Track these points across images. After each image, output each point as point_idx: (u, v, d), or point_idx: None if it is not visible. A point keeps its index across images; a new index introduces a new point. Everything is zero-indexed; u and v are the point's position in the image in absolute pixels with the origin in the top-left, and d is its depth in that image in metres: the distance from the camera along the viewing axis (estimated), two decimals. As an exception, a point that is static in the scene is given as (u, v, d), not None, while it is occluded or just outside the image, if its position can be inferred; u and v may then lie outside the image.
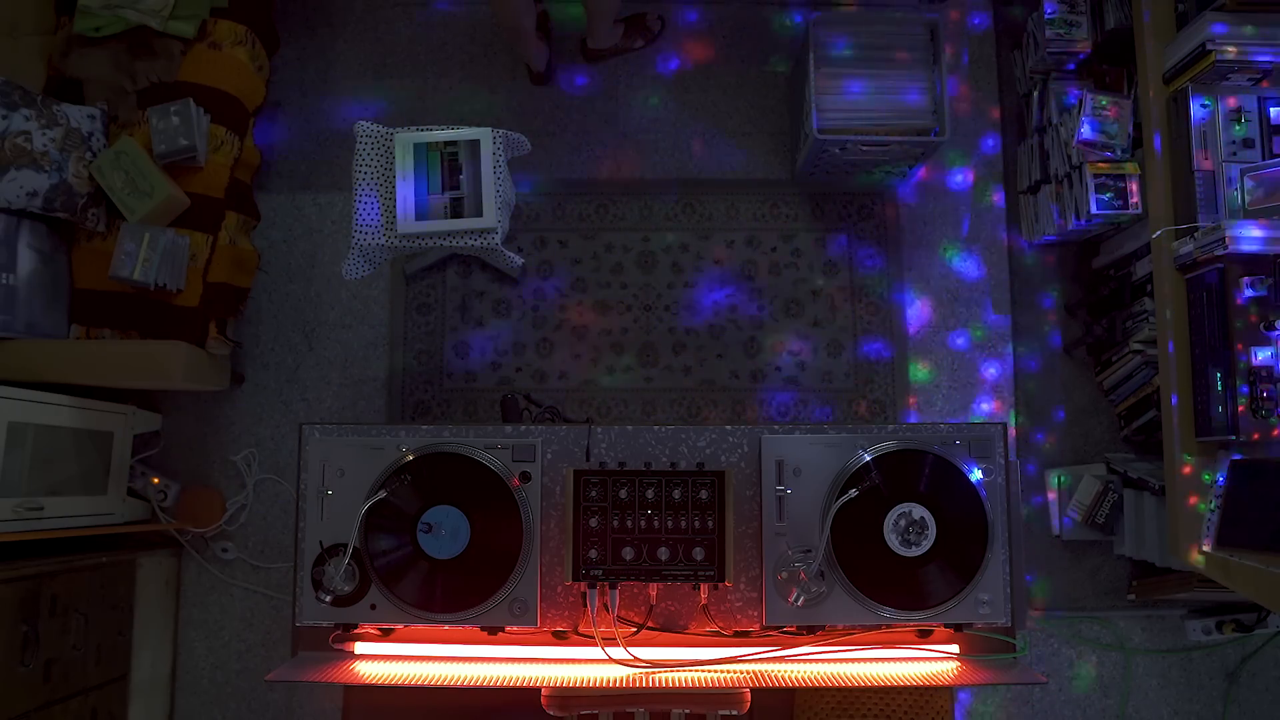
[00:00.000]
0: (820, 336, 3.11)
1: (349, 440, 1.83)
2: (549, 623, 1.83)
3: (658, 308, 3.12)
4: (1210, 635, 2.91)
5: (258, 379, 3.09)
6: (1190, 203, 2.32)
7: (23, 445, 2.39)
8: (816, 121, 2.79)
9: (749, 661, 1.78)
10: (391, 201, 2.54)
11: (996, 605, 1.78)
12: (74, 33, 2.66)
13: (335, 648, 1.84)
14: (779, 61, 3.26)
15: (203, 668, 2.97)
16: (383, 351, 3.10)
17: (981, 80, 3.24)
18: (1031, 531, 3.00)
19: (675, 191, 3.18)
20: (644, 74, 3.24)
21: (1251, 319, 2.23)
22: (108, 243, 2.60)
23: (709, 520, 1.75)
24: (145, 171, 2.56)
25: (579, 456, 1.88)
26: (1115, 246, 2.91)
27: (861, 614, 1.78)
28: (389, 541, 1.78)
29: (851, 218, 3.17)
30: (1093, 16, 2.84)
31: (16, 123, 2.47)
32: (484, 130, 2.55)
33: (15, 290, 2.48)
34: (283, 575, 2.99)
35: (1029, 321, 3.13)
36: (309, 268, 3.14)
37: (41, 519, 2.43)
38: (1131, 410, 2.94)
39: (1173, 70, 2.39)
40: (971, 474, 1.79)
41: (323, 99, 3.22)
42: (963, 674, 1.77)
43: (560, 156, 3.20)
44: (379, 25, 3.26)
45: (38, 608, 2.31)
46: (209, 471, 3.04)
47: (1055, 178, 2.88)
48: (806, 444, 1.82)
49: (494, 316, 3.11)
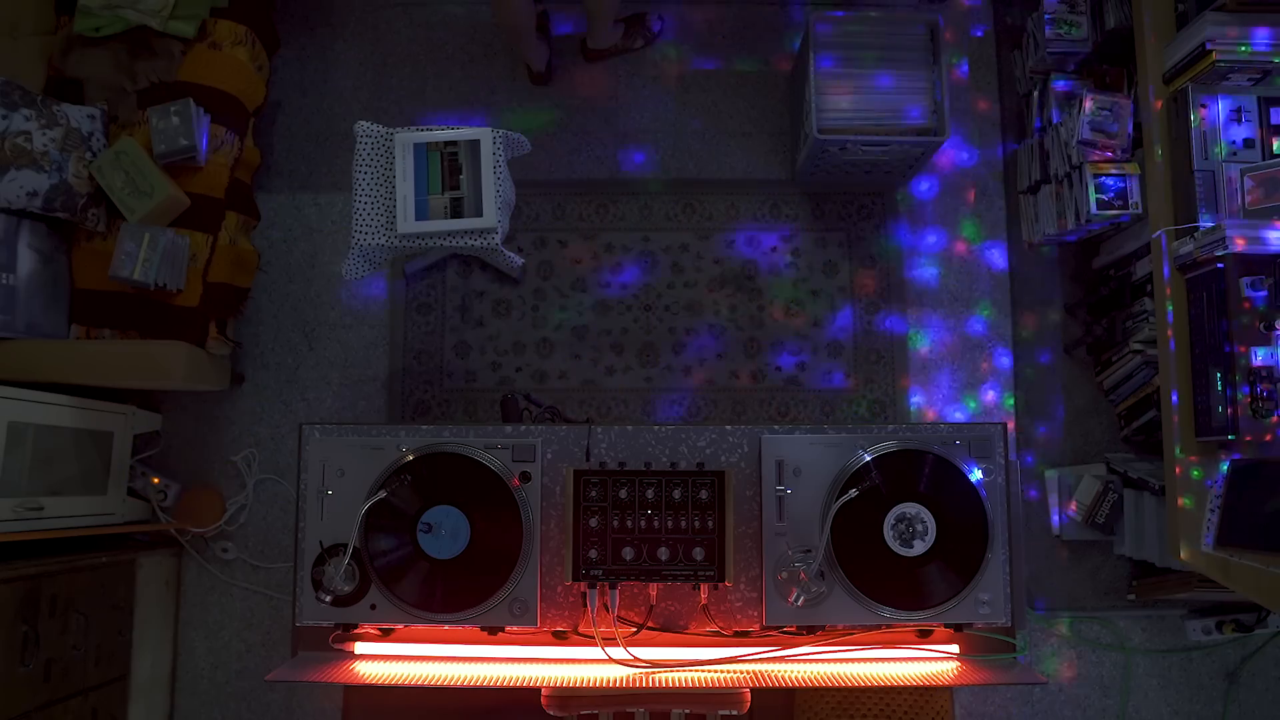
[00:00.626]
0: (820, 336, 3.11)
1: (349, 440, 1.84)
2: (549, 623, 1.83)
3: (658, 308, 3.12)
4: (1210, 635, 2.91)
5: (258, 379, 3.09)
6: (1190, 203, 2.32)
7: (23, 445, 2.39)
8: (816, 121, 2.79)
9: (749, 661, 1.78)
10: (391, 201, 2.54)
11: (996, 605, 1.78)
12: (74, 33, 2.66)
13: (335, 648, 1.84)
14: (779, 61, 3.26)
15: (203, 668, 2.97)
16: (383, 351, 3.10)
17: (981, 80, 3.24)
18: (1031, 531, 3.00)
19: (675, 191, 3.18)
20: (644, 74, 3.24)
21: (1251, 319, 2.22)
22: (108, 243, 2.60)
23: (709, 520, 1.75)
24: (145, 171, 2.56)
25: (579, 456, 1.88)
26: (1115, 246, 2.91)
27: (861, 614, 1.78)
28: (389, 541, 1.78)
29: (851, 218, 3.17)
30: (1093, 16, 2.84)
31: (16, 123, 2.47)
32: (484, 130, 2.55)
33: (15, 290, 2.48)
34: (283, 575, 2.99)
35: (1029, 321, 3.13)
36: (309, 268, 3.14)
37: (41, 519, 2.43)
38: (1131, 410, 2.94)
39: (1173, 70, 2.39)
40: (971, 474, 1.79)
41: (323, 99, 3.22)
42: (963, 674, 1.77)
43: (560, 156, 3.20)
44: (379, 25, 3.26)
45: (38, 608, 2.31)
46: (209, 471, 3.04)
47: (1055, 178, 2.88)
48: (806, 444, 1.82)
49: (494, 316, 3.11)
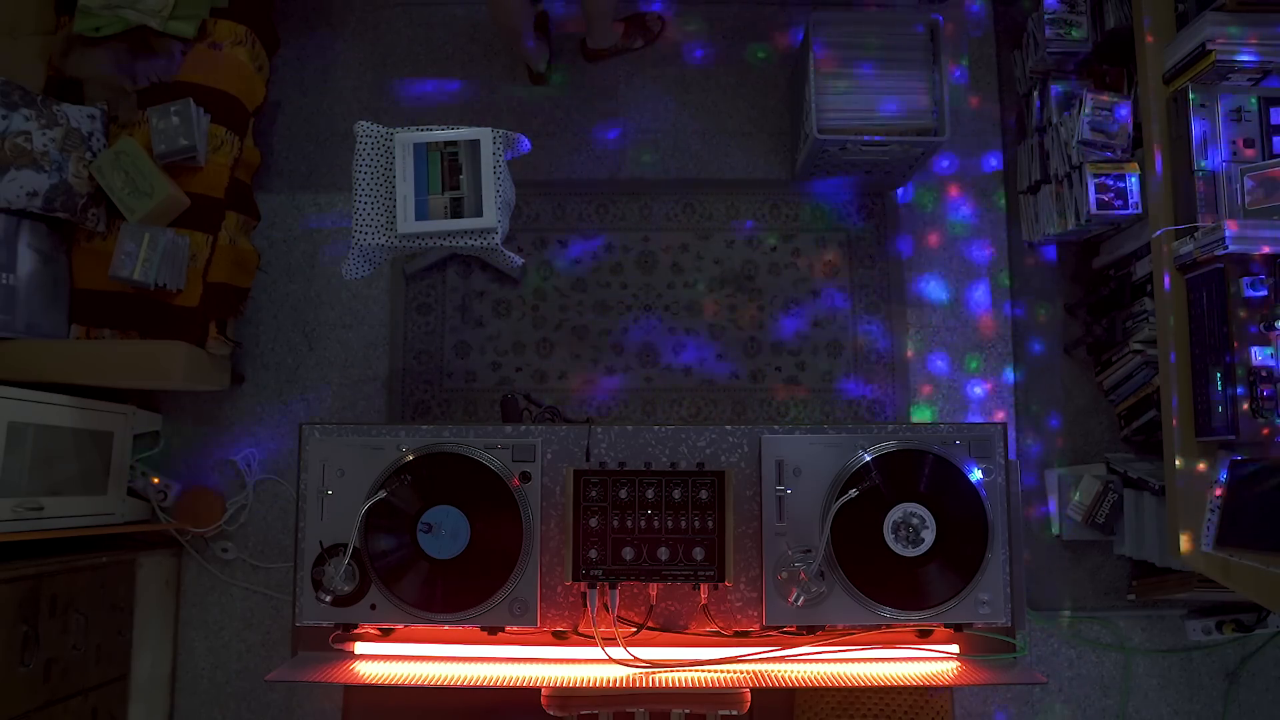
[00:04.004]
0: (820, 336, 3.11)
1: (349, 440, 1.83)
2: (549, 623, 1.83)
3: (658, 308, 3.12)
4: (1210, 635, 2.91)
5: (258, 379, 3.09)
6: (1190, 203, 2.32)
7: (23, 445, 2.39)
8: (816, 121, 2.79)
9: (749, 661, 1.78)
10: (391, 201, 2.54)
11: (996, 605, 1.78)
12: (74, 33, 2.66)
13: (335, 648, 1.84)
14: (779, 61, 3.26)
15: (203, 668, 2.97)
16: (383, 351, 3.10)
17: (981, 80, 3.24)
18: (1031, 531, 3.00)
19: (675, 191, 3.18)
20: (644, 74, 3.24)
21: (1251, 319, 2.22)
22: (108, 243, 2.60)
23: (709, 520, 1.75)
24: (145, 171, 2.56)
25: (579, 456, 1.87)
26: (1115, 246, 2.91)
27: (861, 614, 1.78)
28: (389, 541, 1.78)
29: (851, 218, 3.17)
30: (1093, 16, 2.84)
31: (16, 123, 2.47)
32: (484, 130, 2.55)
33: (15, 290, 2.48)
34: (283, 575, 2.99)
35: (1029, 321, 3.13)
36: (309, 268, 3.14)
37: (41, 519, 2.43)
38: (1131, 410, 2.94)
39: (1173, 70, 2.39)
40: (971, 474, 1.79)
41: (323, 99, 3.22)
42: (963, 674, 1.77)
43: (560, 156, 3.20)
44: (379, 25, 3.26)
45: (38, 608, 2.31)
46: (209, 471, 3.04)
47: (1055, 178, 2.88)
48: (806, 444, 1.82)
49: (494, 316, 3.11)
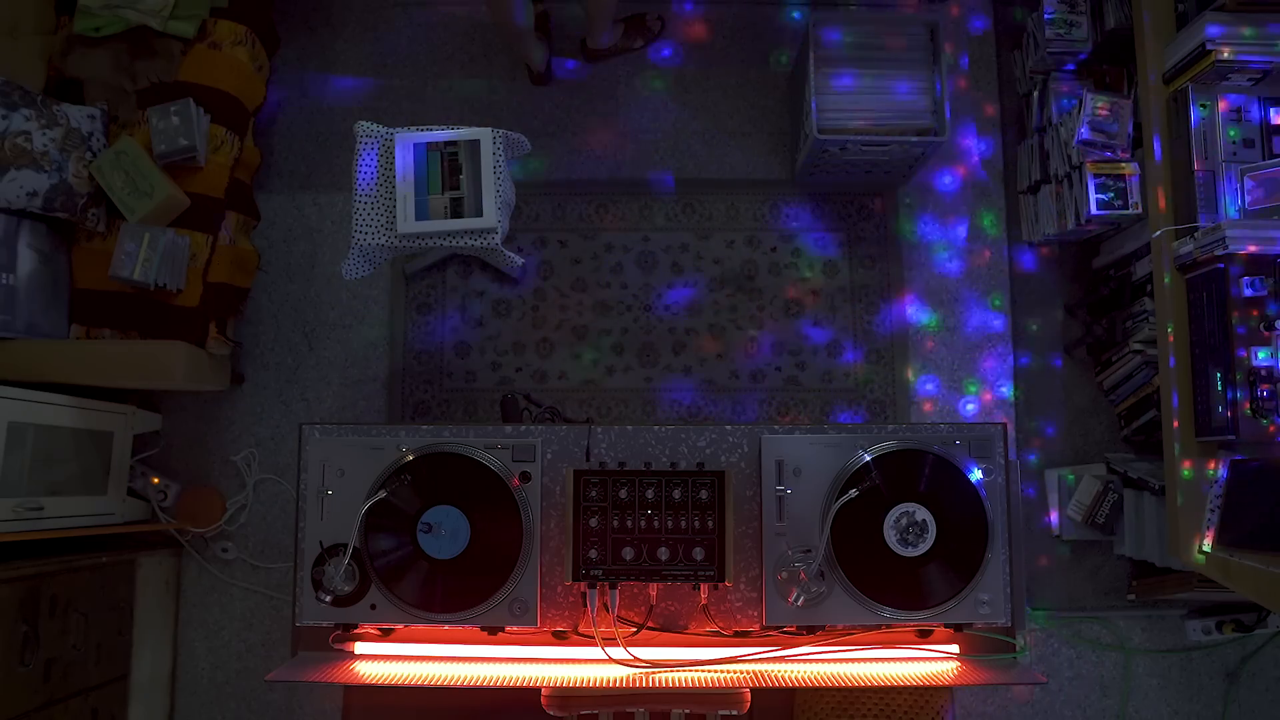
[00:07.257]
0: (820, 336, 3.11)
1: (349, 440, 1.83)
2: (549, 623, 1.83)
3: (658, 308, 3.12)
4: (1210, 635, 2.91)
5: (258, 379, 3.09)
6: (1190, 203, 2.32)
7: (23, 445, 2.38)
8: (816, 121, 2.79)
9: (749, 661, 1.78)
10: (391, 201, 2.54)
11: (996, 605, 1.78)
12: (74, 33, 2.66)
13: (335, 648, 1.84)
14: (779, 61, 3.26)
15: (203, 668, 2.97)
16: (383, 351, 3.10)
17: (981, 80, 3.24)
18: (1031, 531, 3.00)
19: (675, 191, 3.18)
20: (644, 74, 3.24)
21: (1252, 319, 2.22)
22: (108, 243, 2.60)
23: (709, 520, 1.75)
24: (145, 171, 2.56)
25: (579, 456, 1.88)
26: (1115, 246, 2.91)
27: (861, 614, 1.78)
28: (389, 541, 1.78)
29: (851, 218, 3.17)
30: (1093, 16, 2.84)
31: (16, 123, 2.47)
32: (484, 130, 2.55)
33: (15, 290, 2.48)
34: (283, 575, 2.99)
35: (1029, 321, 3.13)
36: (309, 268, 3.14)
37: (41, 519, 2.43)
38: (1131, 410, 2.94)
39: (1173, 70, 2.39)
40: (971, 474, 1.79)
41: (323, 99, 3.22)
42: (963, 674, 1.77)
43: (560, 156, 3.20)
44: (379, 25, 3.26)
45: (38, 608, 2.31)
46: (209, 471, 3.04)
47: (1055, 178, 2.88)
48: (806, 444, 1.82)
49: (494, 316, 3.11)
